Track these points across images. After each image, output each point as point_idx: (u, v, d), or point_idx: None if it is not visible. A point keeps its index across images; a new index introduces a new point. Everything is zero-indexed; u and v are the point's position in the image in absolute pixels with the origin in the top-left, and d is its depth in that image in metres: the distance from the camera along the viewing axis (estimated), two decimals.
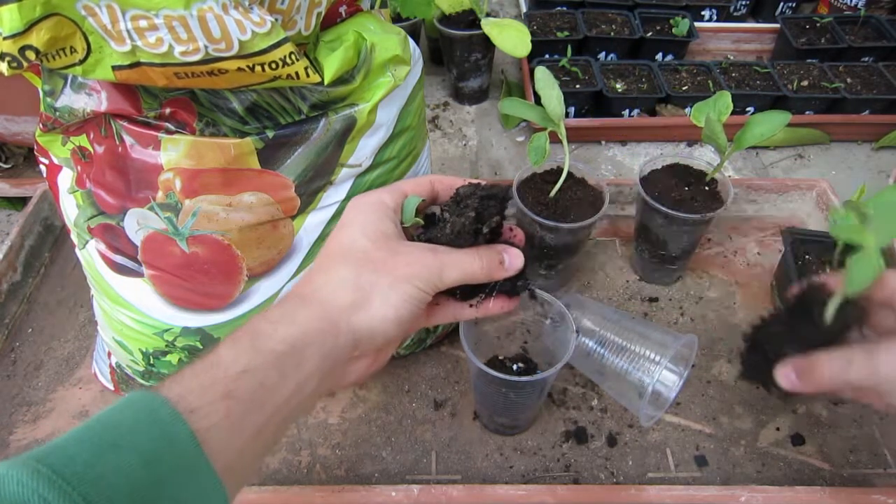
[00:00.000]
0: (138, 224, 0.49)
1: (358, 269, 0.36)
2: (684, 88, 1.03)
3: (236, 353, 0.32)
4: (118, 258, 0.53)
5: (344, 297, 0.35)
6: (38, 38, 0.36)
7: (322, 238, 0.53)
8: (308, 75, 0.42)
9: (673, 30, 1.14)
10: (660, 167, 0.75)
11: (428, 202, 0.42)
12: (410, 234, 0.41)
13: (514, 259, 0.40)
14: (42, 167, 0.53)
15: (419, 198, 0.41)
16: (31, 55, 0.37)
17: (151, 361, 0.59)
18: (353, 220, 0.39)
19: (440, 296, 0.40)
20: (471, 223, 0.38)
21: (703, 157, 0.82)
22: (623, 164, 1.00)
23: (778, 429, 0.64)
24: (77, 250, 0.56)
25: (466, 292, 0.41)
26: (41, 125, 0.48)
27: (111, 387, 0.66)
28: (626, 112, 1.03)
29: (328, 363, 0.35)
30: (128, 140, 0.46)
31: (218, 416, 0.30)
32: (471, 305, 0.42)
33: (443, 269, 0.37)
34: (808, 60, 1.08)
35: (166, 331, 0.55)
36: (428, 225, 0.41)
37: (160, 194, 0.47)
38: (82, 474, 0.25)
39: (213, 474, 0.29)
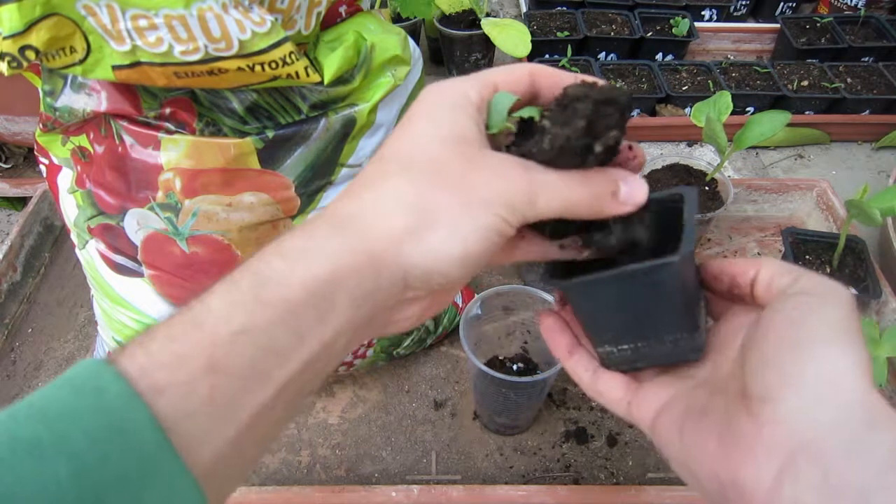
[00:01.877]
0: (138, 224, 0.49)
1: (422, 183, 0.26)
2: (684, 88, 1.03)
3: (231, 304, 0.23)
4: (118, 258, 0.53)
5: (396, 222, 0.25)
6: (37, 38, 0.36)
7: None
8: (308, 75, 0.42)
9: (673, 30, 1.14)
10: (660, 167, 0.75)
11: (523, 102, 0.31)
12: (498, 144, 0.30)
13: (634, 190, 0.28)
14: (42, 167, 0.53)
15: (513, 96, 0.30)
16: (31, 55, 0.37)
17: None
18: (423, 116, 0.28)
19: (525, 227, 0.30)
20: (579, 136, 0.27)
21: (703, 157, 0.82)
22: None
23: None
24: (77, 250, 0.56)
25: (559, 229, 0.31)
26: (41, 125, 0.48)
27: None
28: None
29: (365, 311, 0.25)
30: (128, 140, 0.46)
31: (197, 399, 0.22)
32: (561, 247, 0.31)
33: (537, 195, 0.27)
34: (808, 60, 1.08)
35: None
36: (522, 133, 0.30)
37: (160, 194, 0.47)
38: None
39: (188, 481, 0.21)
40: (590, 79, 0.29)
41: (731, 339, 0.30)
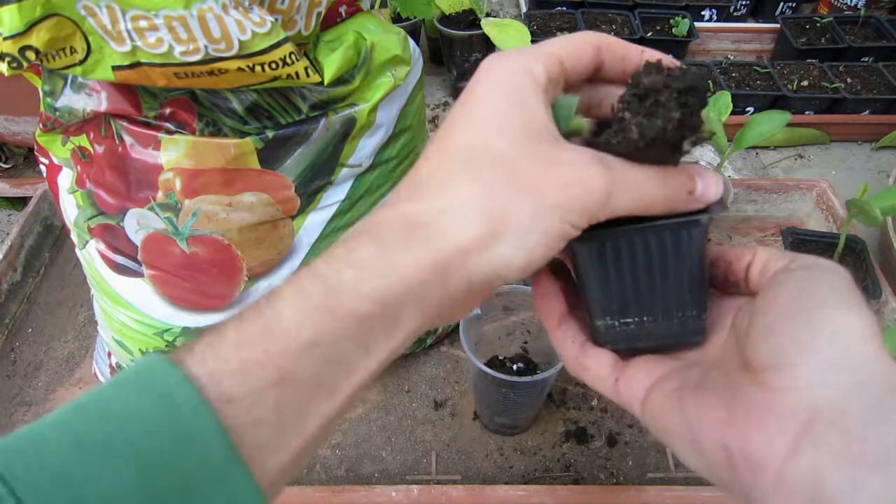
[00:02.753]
0: (138, 224, 0.49)
1: (490, 185, 0.24)
2: None
3: (302, 313, 0.23)
4: (118, 258, 0.53)
5: (466, 232, 0.24)
6: (38, 39, 0.36)
7: (323, 238, 0.53)
8: (308, 75, 0.42)
9: (673, 30, 1.14)
10: None
11: (586, 76, 0.28)
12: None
13: (709, 187, 0.26)
14: (42, 167, 0.53)
15: (575, 97, 0.27)
16: (31, 55, 0.37)
17: None
18: (484, 101, 0.26)
19: None
20: (674, 128, 0.24)
21: (702, 157, 0.82)
22: None
23: None
24: (77, 250, 0.56)
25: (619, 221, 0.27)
26: (41, 125, 0.48)
27: None
28: None
29: (430, 317, 0.25)
30: (128, 140, 0.46)
31: (266, 410, 0.22)
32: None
33: (614, 196, 0.24)
34: (808, 60, 1.08)
35: (166, 331, 0.55)
36: (599, 127, 0.28)
37: (160, 194, 0.47)
38: (47, 493, 0.18)
39: (253, 492, 0.21)
40: (655, 56, 0.27)
41: (719, 324, 0.29)
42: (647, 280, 0.27)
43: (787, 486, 0.21)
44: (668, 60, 0.27)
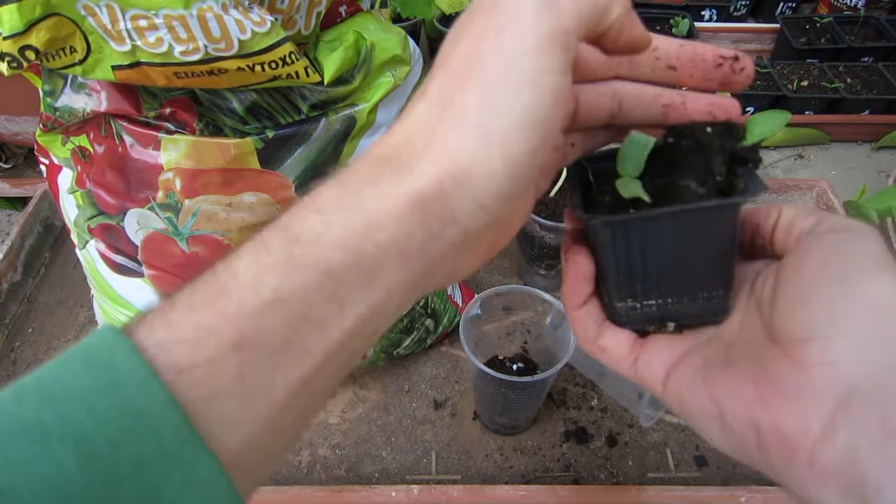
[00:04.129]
0: (138, 224, 0.49)
1: (446, 79, 0.21)
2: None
3: (260, 268, 0.20)
4: (118, 258, 0.53)
5: (432, 155, 0.21)
6: (37, 38, 0.36)
7: None
8: (308, 75, 0.42)
9: (673, 30, 1.14)
10: None
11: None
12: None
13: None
14: (42, 167, 0.53)
15: (651, 138, 0.25)
16: (30, 55, 0.37)
17: None
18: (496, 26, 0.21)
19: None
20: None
21: None
22: None
23: None
24: (77, 250, 0.56)
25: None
26: (41, 125, 0.48)
27: None
28: None
29: (419, 266, 0.22)
30: (128, 140, 0.46)
31: (225, 379, 0.19)
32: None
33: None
34: (808, 60, 1.08)
35: None
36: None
37: (160, 194, 0.47)
38: None
39: (213, 468, 0.19)
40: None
41: (736, 291, 0.27)
42: (676, 263, 0.26)
43: (822, 467, 0.20)
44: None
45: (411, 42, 0.53)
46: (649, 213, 0.25)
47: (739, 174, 0.25)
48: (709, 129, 0.25)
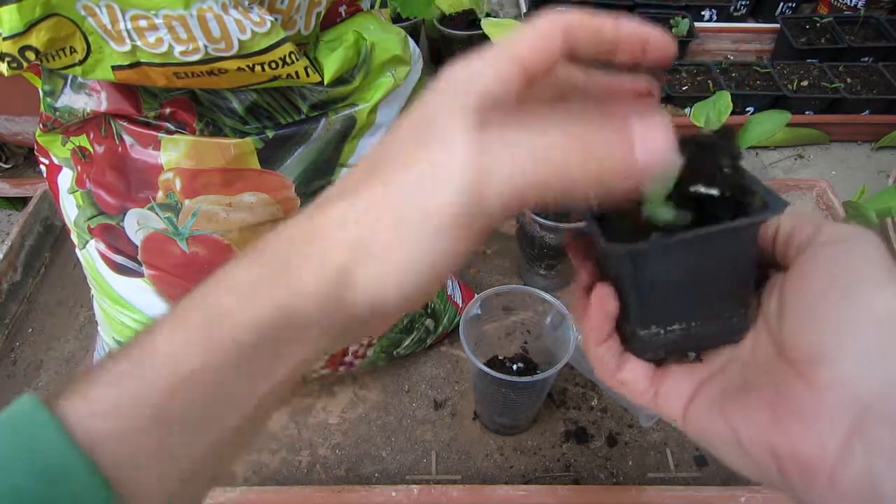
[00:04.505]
0: (138, 224, 0.49)
1: (358, 196, 0.22)
2: (684, 88, 1.03)
3: (178, 345, 0.21)
4: (118, 258, 0.53)
5: (333, 258, 0.21)
6: (37, 39, 0.36)
7: None
8: (308, 75, 0.42)
9: (673, 30, 1.14)
10: None
11: (551, 65, 0.22)
12: None
13: (651, 136, 0.20)
14: (42, 167, 0.53)
15: (672, 171, 0.22)
16: (30, 55, 0.37)
17: None
18: (408, 116, 0.23)
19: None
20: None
21: None
22: None
23: None
24: (77, 250, 0.56)
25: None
26: (41, 125, 0.48)
27: None
28: None
29: (325, 344, 0.23)
30: (128, 140, 0.46)
31: (141, 449, 0.20)
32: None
33: (488, 176, 0.20)
34: (808, 60, 1.08)
35: None
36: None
37: (160, 194, 0.47)
38: None
39: None
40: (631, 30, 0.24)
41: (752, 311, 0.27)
42: (701, 286, 0.26)
43: (843, 490, 0.20)
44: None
45: (411, 42, 0.53)
46: (675, 239, 0.23)
47: (758, 192, 0.24)
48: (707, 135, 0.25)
